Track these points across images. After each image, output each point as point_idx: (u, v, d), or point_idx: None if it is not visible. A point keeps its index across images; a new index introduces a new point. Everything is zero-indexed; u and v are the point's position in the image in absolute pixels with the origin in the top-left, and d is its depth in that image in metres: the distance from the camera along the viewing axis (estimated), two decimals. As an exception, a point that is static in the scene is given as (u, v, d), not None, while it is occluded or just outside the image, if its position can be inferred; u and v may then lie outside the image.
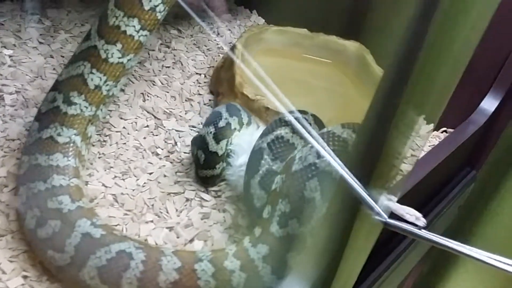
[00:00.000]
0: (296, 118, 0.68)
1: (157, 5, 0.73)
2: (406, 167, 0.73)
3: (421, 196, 0.89)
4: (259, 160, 0.66)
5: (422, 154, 0.88)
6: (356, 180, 0.49)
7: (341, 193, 0.49)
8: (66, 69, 0.74)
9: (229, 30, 1.19)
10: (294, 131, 0.68)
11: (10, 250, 0.65)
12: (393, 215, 0.58)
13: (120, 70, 0.74)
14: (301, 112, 0.72)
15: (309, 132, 0.59)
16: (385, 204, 0.57)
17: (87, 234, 0.61)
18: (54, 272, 0.62)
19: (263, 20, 1.26)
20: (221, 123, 0.74)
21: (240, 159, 0.73)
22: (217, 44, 1.13)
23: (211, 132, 0.74)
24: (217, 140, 0.73)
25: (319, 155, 0.59)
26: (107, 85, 0.73)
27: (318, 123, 0.73)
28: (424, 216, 0.94)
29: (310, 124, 0.71)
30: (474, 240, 0.92)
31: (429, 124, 0.77)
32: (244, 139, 0.75)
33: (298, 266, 0.55)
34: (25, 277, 0.63)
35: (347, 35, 1.06)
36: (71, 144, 0.69)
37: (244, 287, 0.59)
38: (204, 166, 0.75)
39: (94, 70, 0.72)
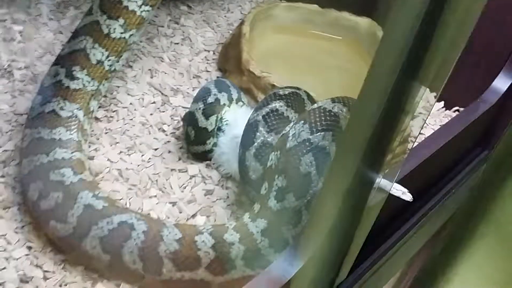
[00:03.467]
0: (289, 93, 0.68)
1: (159, -20, 0.73)
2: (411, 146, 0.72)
3: (430, 174, 0.88)
4: (255, 133, 0.66)
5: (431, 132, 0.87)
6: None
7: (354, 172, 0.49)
8: (69, 43, 0.74)
9: (239, 6, 1.18)
10: (288, 104, 0.67)
11: (16, 222, 0.66)
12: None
13: (122, 46, 0.74)
14: (295, 88, 0.72)
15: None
16: (379, 181, 0.57)
17: (89, 205, 0.61)
18: (57, 243, 0.63)
19: (275, -4, 1.25)
20: (210, 99, 0.74)
21: (230, 134, 0.73)
22: (227, 20, 1.12)
23: (200, 108, 0.74)
24: (206, 116, 0.73)
25: (312, 131, 0.58)
26: (109, 60, 0.73)
27: (311, 99, 0.72)
28: (434, 195, 0.93)
29: (304, 99, 0.70)
30: (486, 223, 0.91)
31: (432, 92, 0.76)
32: (235, 114, 0.75)
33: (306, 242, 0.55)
34: (29, 247, 0.64)
35: (360, 11, 1.04)
36: (74, 119, 0.70)
37: (242, 259, 0.59)
38: (195, 142, 0.75)
39: (96, 45, 0.72)
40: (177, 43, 1.02)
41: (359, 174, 0.50)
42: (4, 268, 0.61)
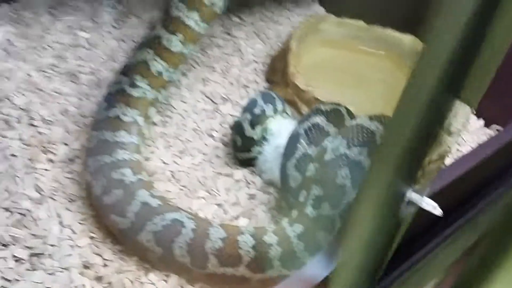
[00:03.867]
0: (330, 109, 0.73)
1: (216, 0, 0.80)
2: (449, 161, 0.76)
3: (464, 190, 0.91)
4: (296, 144, 0.72)
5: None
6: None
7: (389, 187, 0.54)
8: (133, 55, 0.82)
9: (288, 18, 1.23)
10: (329, 119, 0.73)
11: (80, 214, 0.75)
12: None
13: (180, 59, 0.81)
14: (336, 104, 0.77)
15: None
16: (412, 195, 0.61)
17: (145, 203, 0.69)
18: (116, 235, 0.71)
19: (324, 10, 1.30)
20: (256, 110, 0.80)
21: (274, 144, 0.79)
22: (276, 32, 1.18)
23: (247, 119, 0.80)
24: (253, 126, 0.80)
25: (349, 146, 0.64)
26: (168, 71, 0.81)
27: (351, 115, 0.77)
28: (467, 211, 0.96)
29: (343, 115, 0.76)
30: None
31: (470, 106, 0.79)
32: (279, 125, 0.81)
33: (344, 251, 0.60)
34: (91, 237, 0.72)
35: (403, 28, 1.08)
36: (134, 123, 0.78)
37: (279, 260, 0.65)
38: (241, 149, 0.82)
39: (157, 58, 0.80)
40: (228, 54, 1.09)
41: (392, 188, 0.55)
42: (70, 255, 0.69)
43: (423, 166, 0.57)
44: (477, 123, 1.07)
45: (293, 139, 0.73)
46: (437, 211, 0.70)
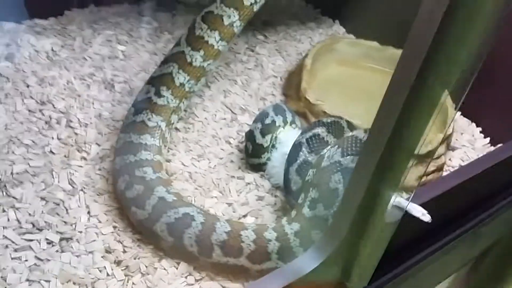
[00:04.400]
0: (331, 121, 0.81)
1: (235, 21, 0.89)
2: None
3: (461, 202, 0.96)
4: (298, 152, 0.80)
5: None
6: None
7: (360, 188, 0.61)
8: (159, 67, 0.93)
9: (310, 37, 1.32)
10: (329, 130, 0.80)
11: (106, 206, 0.84)
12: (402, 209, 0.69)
13: (201, 72, 0.91)
14: (337, 117, 0.85)
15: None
16: (396, 200, 0.68)
17: (162, 198, 0.78)
18: (135, 224, 0.80)
19: (344, 30, 1.38)
20: (267, 121, 0.89)
21: (282, 151, 0.87)
22: (297, 50, 1.27)
23: (258, 128, 0.89)
24: (263, 134, 0.88)
25: (343, 154, 0.71)
26: (189, 83, 0.91)
27: (351, 127, 0.84)
28: (468, 221, 1.01)
29: (343, 127, 0.83)
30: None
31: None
32: (287, 135, 0.89)
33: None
34: (114, 227, 0.82)
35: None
36: (157, 128, 0.88)
37: (276, 253, 0.73)
38: (252, 155, 0.90)
39: (180, 71, 0.90)
40: (250, 69, 1.18)
41: (371, 191, 0.62)
42: (94, 240, 0.79)
43: (402, 170, 0.64)
44: (483, 141, 1.12)
45: (296, 147, 0.82)
46: (425, 217, 0.76)
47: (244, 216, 0.86)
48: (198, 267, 0.77)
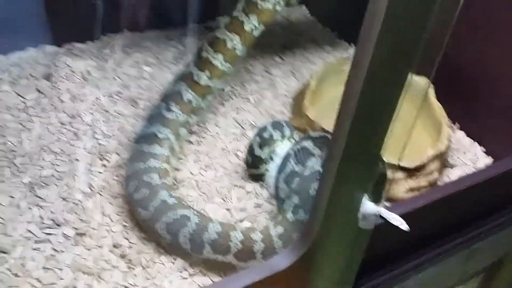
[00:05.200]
0: (319, 136, 0.88)
1: (236, 45, 0.99)
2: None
3: (449, 215, 1.00)
4: (286, 163, 0.88)
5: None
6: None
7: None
8: (171, 86, 1.03)
9: (324, 59, 1.40)
10: (315, 144, 0.88)
11: (119, 208, 0.95)
12: (381, 217, 0.75)
13: (207, 90, 1.01)
14: (327, 132, 0.92)
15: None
16: (374, 208, 0.74)
17: (164, 201, 0.87)
18: (141, 223, 0.90)
19: (360, 53, 1.44)
20: (265, 135, 0.97)
21: (279, 163, 0.95)
22: (310, 71, 1.35)
23: (257, 141, 0.97)
24: (261, 147, 0.96)
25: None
26: (196, 100, 1.01)
27: None
28: (459, 236, 1.04)
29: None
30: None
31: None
32: (284, 148, 0.96)
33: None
34: (124, 226, 0.92)
35: (417, 72, 1.20)
36: (166, 139, 0.98)
37: (261, 253, 0.81)
38: (251, 166, 0.98)
39: (188, 89, 1.00)
40: (263, 88, 1.27)
41: (337, 192, 0.68)
42: (105, 237, 0.89)
43: (373, 177, 0.70)
44: (485, 161, 1.15)
45: (285, 159, 0.89)
46: (403, 226, 0.82)
47: (241, 221, 0.94)
48: (192, 263, 0.86)
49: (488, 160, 1.15)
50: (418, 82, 1.18)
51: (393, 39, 0.49)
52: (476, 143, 1.18)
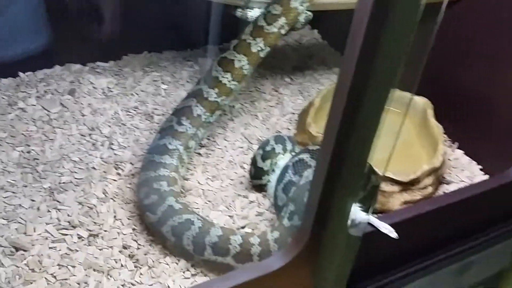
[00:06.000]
0: (316, 149, 0.94)
1: (244, 65, 1.08)
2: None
3: (444, 228, 1.04)
4: (285, 173, 0.94)
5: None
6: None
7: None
8: (182, 101, 1.11)
9: (332, 80, 1.46)
10: (313, 156, 0.94)
11: (130, 212, 1.02)
12: (370, 225, 0.80)
13: (215, 106, 1.09)
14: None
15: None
16: (364, 217, 0.79)
17: (171, 206, 0.94)
18: (149, 226, 0.97)
19: (367, 75, 1.51)
20: (267, 148, 1.03)
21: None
22: (317, 91, 1.41)
23: (259, 153, 1.04)
24: (263, 159, 1.03)
25: None
26: (205, 115, 1.09)
27: None
28: (453, 248, 1.08)
29: None
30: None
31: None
32: (286, 161, 1.03)
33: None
34: (133, 229, 0.99)
35: (418, 92, 1.26)
36: (176, 151, 1.05)
37: (258, 256, 0.87)
38: (254, 176, 1.05)
39: (198, 105, 1.08)
40: (272, 106, 1.34)
41: (326, 199, 0.73)
42: (115, 238, 0.96)
43: (349, 182, 0.75)
44: (481, 178, 1.19)
45: (284, 170, 0.96)
46: (393, 234, 0.87)
47: (243, 227, 1.00)
48: (194, 264, 0.92)
49: (484, 178, 1.19)
50: (418, 102, 1.24)
51: (374, 58, 0.56)
52: (474, 162, 1.23)
